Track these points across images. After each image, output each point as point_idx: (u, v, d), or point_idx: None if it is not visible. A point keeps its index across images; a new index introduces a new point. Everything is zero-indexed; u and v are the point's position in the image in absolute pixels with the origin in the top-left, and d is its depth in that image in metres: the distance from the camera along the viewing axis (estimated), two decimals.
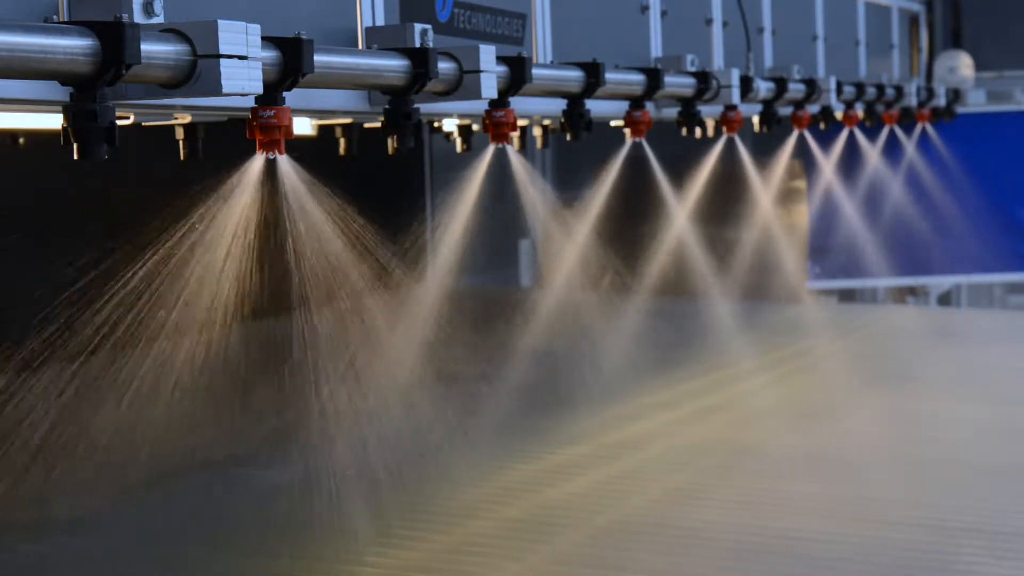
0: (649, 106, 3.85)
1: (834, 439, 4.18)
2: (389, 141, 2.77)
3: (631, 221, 4.36)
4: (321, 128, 3.35)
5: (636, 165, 3.94)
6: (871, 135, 6.30)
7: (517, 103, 3.13)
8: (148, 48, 2.03)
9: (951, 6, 7.39)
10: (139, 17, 2.07)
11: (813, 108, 5.17)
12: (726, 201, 4.98)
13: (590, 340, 4.51)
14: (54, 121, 2.12)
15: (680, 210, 4.35)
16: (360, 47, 2.80)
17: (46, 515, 3.26)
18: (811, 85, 4.98)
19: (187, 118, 2.75)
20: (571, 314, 4.08)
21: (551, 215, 3.69)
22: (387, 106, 2.75)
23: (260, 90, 2.21)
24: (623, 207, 4.00)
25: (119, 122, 2.06)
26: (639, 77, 3.74)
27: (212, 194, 2.41)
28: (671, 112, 4.19)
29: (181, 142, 2.82)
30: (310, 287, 2.57)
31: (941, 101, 6.72)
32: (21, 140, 3.49)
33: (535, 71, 3.10)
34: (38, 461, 2.91)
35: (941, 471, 3.83)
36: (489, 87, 2.87)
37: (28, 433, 2.77)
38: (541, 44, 3.50)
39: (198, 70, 2.13)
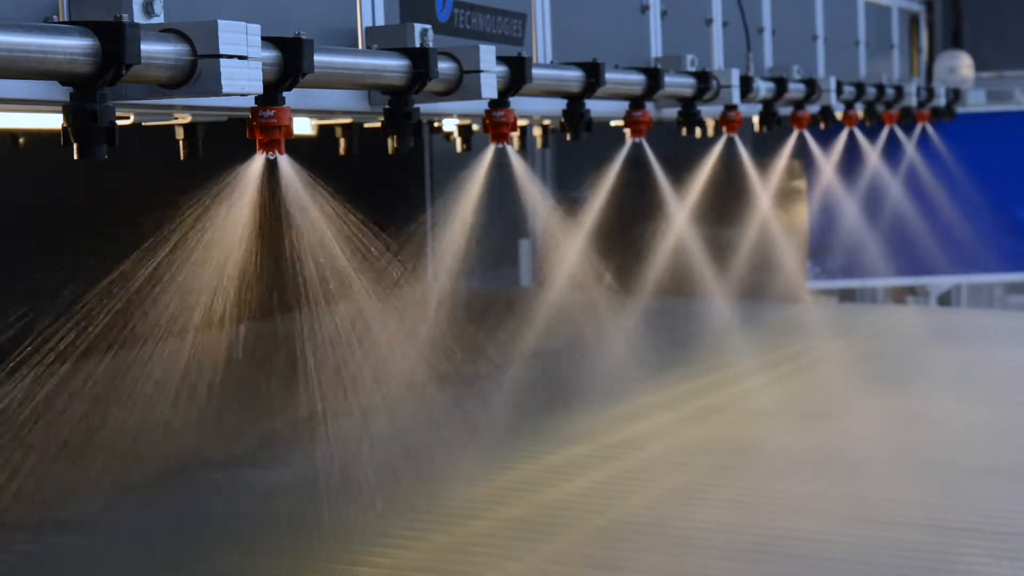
0: (649, 106, 3.85)
1: (834, 439, 4.18)
2: (389, 141, 2.77)
3: (631, 221, 4.36)
4: (321, 128, 3.35)
5: (636, 165, 3.94)
6: (871, 135, 6.30)
7: (517, 103, 3.13)
8: (148, 48, 2.03)
9: (951, 6, 7.39)
10: (139, 17, 2.07)
11: (813, 108, 5.17)
12: (726, 201, 4.97)
13: (590, 340, 4.51)
14: (54, 121, 2.12)
15: (680, 210, 4.35)
16: (360, 47, 2.80)
17: (46, 515, 3.26)
18: (811, 85, 4.98)
19: (187, 118, 2.75)
20: (571, 314, 4.08)
21: (551, 215, 3.69)
22: (387, 106, 2.75)
23: (260, 90, 2.21)
24: (623, 207, 4.00)
25: (119, 122, 2.06)
26: (639, 77, 3.74)
27: (212, 194, 2.41)
28: (671, 112, 4.19)
29: (181, 142, 2.82)
30: (310, 287, 2.57)
31: (941, 101, 6.72)
32: (21, 140, 3.49)
33: (535, 71, 3.10)
34: (38, 461, 2.91)
35: (941, 471, 3.82)
36: (489, 87, 2.87)
37: (27, 433, 2.77)
38: (541, 44, 3.50)
39: (198, 70, 2.13)
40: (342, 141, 3.32)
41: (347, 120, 3.22)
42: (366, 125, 3.23)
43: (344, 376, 2.91)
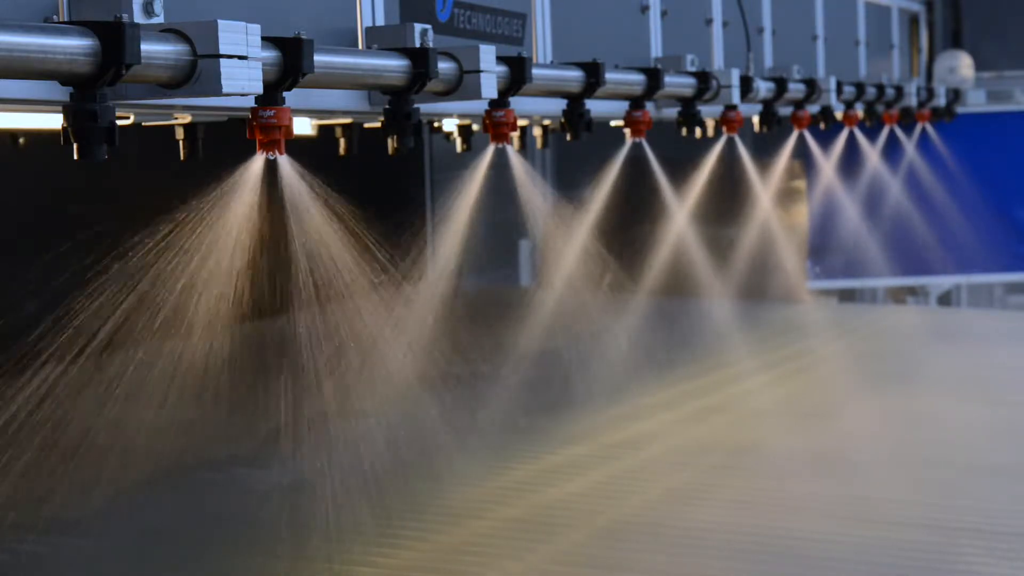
0: (649, 106, 3.85)
1: (834, 439, 4.18)
2: (389, 141, 2.77)
3: (631, 221, 4.36)
4: (321, 128, 3.35)
5: (636, 165, 3.94)
6: (871, 135, 6.30)
7: (517, 103, 3.13)
8: (148, 48, 2.03)
9: (951, 6, 7.39)
10: (139, 17, 2.07)
11: (813, 108, 5.17)
12: (726, 201, 4.97)
13: (590, 340, 4.51)
14: (54, 121, 2.12)
15: (680, 210, 4.35)
16: (360, 47, 2.80)
17: (46, 515, 3.25)
18: (811, 85, 4.98)
19: (187, 118, 2.75)
20: (571, 314, 4.08)
21: (551, 215, 3.69)
22: (387, 106, 2.75)
23: (260, 90, 2.21)
24: (623, 207, 4.00)
25: (119, 122, 2.06)
26: (639, 77, 3.74)
27: (212, 195, 2.41)
28: (671, 112, 4.19)
29: (181, 142, 2.82)
30: (310, 287, 2.57)
31: (941, 101, 6.72)
32: (21, 140, 3.49)
33: (535, 71, 3.10)
34: (38, 461, 2.91)
35: (941, 471, 3.82)
36: (489, 87, 2.87)
37: (28, 433, 2.77)
38: (541, 44, 3.50)
39: (198, 70, 2.13)
40: (342, 141, 3.32)
41: (347, 120, 3.22)
42: (366, 125, 3.23)
43: (344, 376, 2.91)
